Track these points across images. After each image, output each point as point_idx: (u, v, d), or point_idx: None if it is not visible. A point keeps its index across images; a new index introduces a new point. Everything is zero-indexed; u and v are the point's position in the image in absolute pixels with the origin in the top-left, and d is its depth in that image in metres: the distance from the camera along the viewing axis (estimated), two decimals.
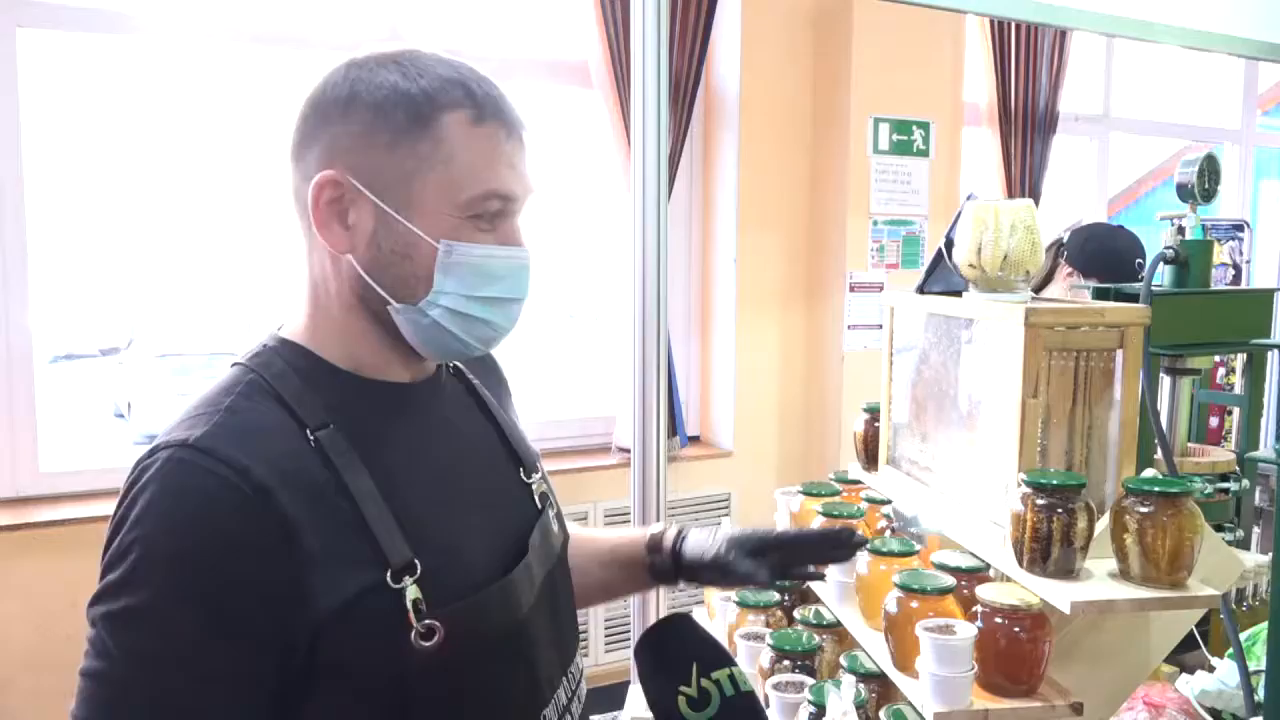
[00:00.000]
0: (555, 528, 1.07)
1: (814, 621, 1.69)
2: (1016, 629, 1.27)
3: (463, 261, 0.90)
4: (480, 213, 0.90)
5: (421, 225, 0.89)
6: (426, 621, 0.84)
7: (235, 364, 0.92)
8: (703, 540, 1.22)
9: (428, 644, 0.84)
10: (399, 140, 0.88)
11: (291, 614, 0.81)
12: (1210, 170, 2.00)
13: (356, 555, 0.84)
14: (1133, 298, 1.84)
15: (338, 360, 0.93)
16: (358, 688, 0.84)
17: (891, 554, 1.48)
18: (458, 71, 0.91)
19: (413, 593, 0.84)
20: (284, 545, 0.81)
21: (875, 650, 1.45)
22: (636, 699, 1.71)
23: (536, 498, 1.05)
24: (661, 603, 1.81)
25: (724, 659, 1.02)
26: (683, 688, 1.00)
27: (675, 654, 1.03)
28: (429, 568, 0.86)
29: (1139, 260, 2.44)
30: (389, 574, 0.84)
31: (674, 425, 3.39)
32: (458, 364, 1.08)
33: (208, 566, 0.79)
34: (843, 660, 1.61)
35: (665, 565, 1.22)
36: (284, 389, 0.88)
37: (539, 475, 1.07)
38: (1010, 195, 4.00)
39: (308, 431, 0.86)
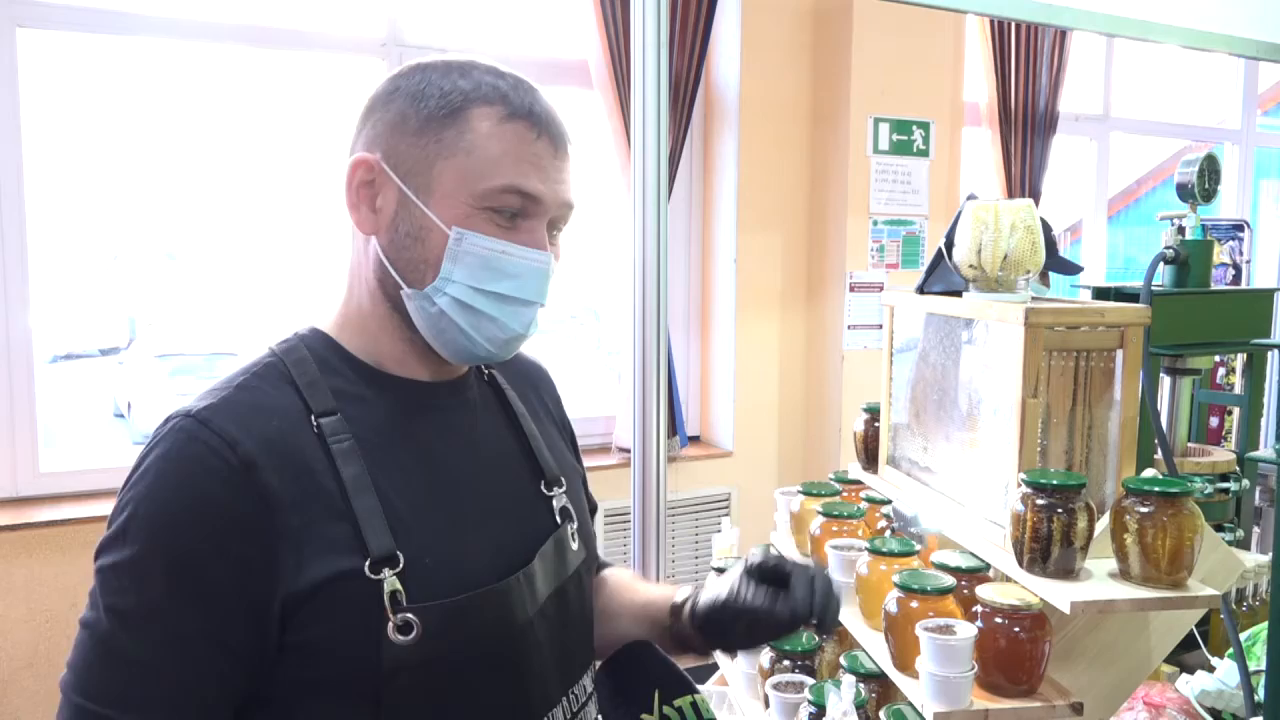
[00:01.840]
0: (575, 544, 1.05)
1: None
2: (1016, 629, 1.27)
3: (473, 251, 0.90)
4: (497, 206, 0.90)
5: (437, 211, 0.90)
6: (404, 615, 0.84)
7: (268, 348, 0.95)
8: (715, 585, 1.07)
9: (405, 638, 0.84)
10: (427, 126, 0.90)
11: (263, 587, 0.83)
12: (1210, 170, 2.00)
13: (337, 540, 0.85)
14: (1133, 298, 1.85)
15: (360, 353, 0.95)
16: (330, 673, 0.85)
17: (891, 554, 1.48)
18: (504, 80, 0.92)
19: (391, 584, 0.84)
20: (261, 518, 0.83)
21: (875, 650, 1.45)
22: None
23: (556, 512, 1.03)
24: None
25: (686, 686, 0.99)
26: (644, 716, 0.98)
27: (636, 681, 1.00)
28: (414, 563, 0.86)
29: (1052, 232, 2.41)
30: (368, 563, 0.84)
31: (674, 425, 3.39)
32: (492, 372, 1.07)
33: (185, 529, 0.82)
34: (843, 660, 1.61)
35: (685, 629, 1.09)
36: (299, 374, 0.91)
37: (561, 490, 1.05)
38: (1010, 195, 4.00)
39: (312, 417, 0.88)
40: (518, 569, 0.95)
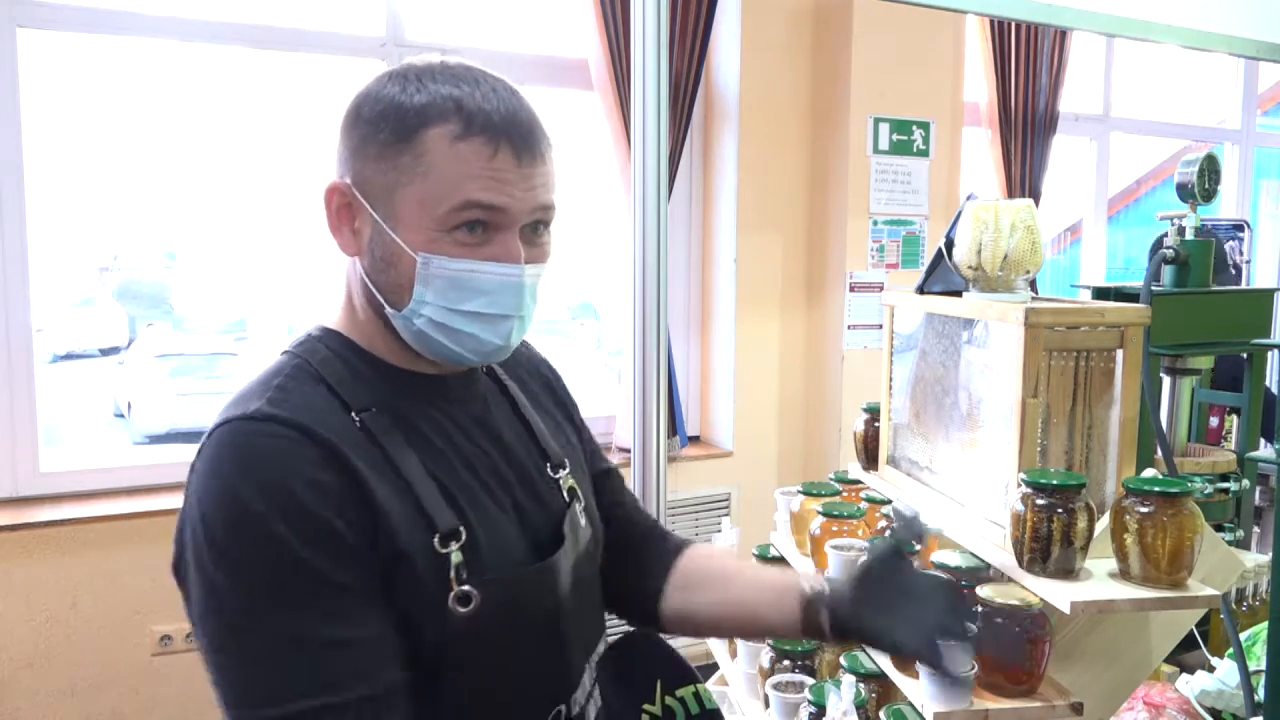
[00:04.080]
0: (583, 521, 1.07)
1: None
2: (1016, 629, 1.27)
3: (440, 275, 0.91)
4: (460, 224, 0.90)
5: (404, 237, 0.90)
6: (464, 588, 0.87)
7: (283, 352, 0.96)
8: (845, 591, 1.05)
9: (464, 610, 0.86)
10: (384, 153, 0.90)
11: (372, 548, 0.85)
12: (1210, 170, 2.00)
13: (408, 516, 0.87)
14: (1133, 298, 1.85)
15: (371, 349, 0.97)
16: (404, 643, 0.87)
17: None
18: (460, 87, 0.90)
19: (457, 558, 0.87)
20: (359, 489, 0.85)
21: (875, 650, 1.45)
22: None
23: (564, 492, 1.05)
24: None
25: (689, 676, 0.99)
26: (646, 706, 0.98)
27: (639, 671, 1.00)
28: (472, 539, 0.89)
29: None
30: (437, 538, 0.87)
31: (674, 425, 3.39)
32: (490, 364, 1.09)
33: (300, 506, 0.82)
34: (843, 660, 1.61)
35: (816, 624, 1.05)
36: (329, 374, 0.93)
37: (565, 471, 1.07)
38: (1010, 195, 4.00)
39: (352, 414, 0.90)
40: (550, 546, 0.98)
